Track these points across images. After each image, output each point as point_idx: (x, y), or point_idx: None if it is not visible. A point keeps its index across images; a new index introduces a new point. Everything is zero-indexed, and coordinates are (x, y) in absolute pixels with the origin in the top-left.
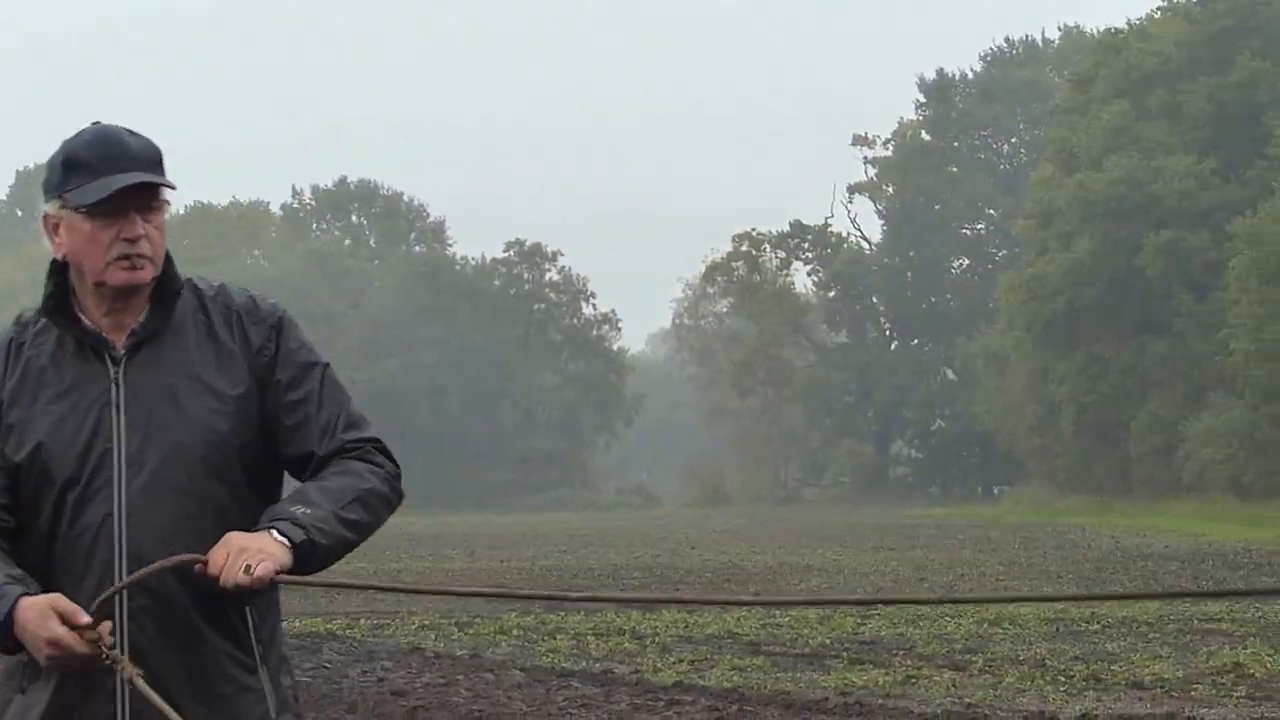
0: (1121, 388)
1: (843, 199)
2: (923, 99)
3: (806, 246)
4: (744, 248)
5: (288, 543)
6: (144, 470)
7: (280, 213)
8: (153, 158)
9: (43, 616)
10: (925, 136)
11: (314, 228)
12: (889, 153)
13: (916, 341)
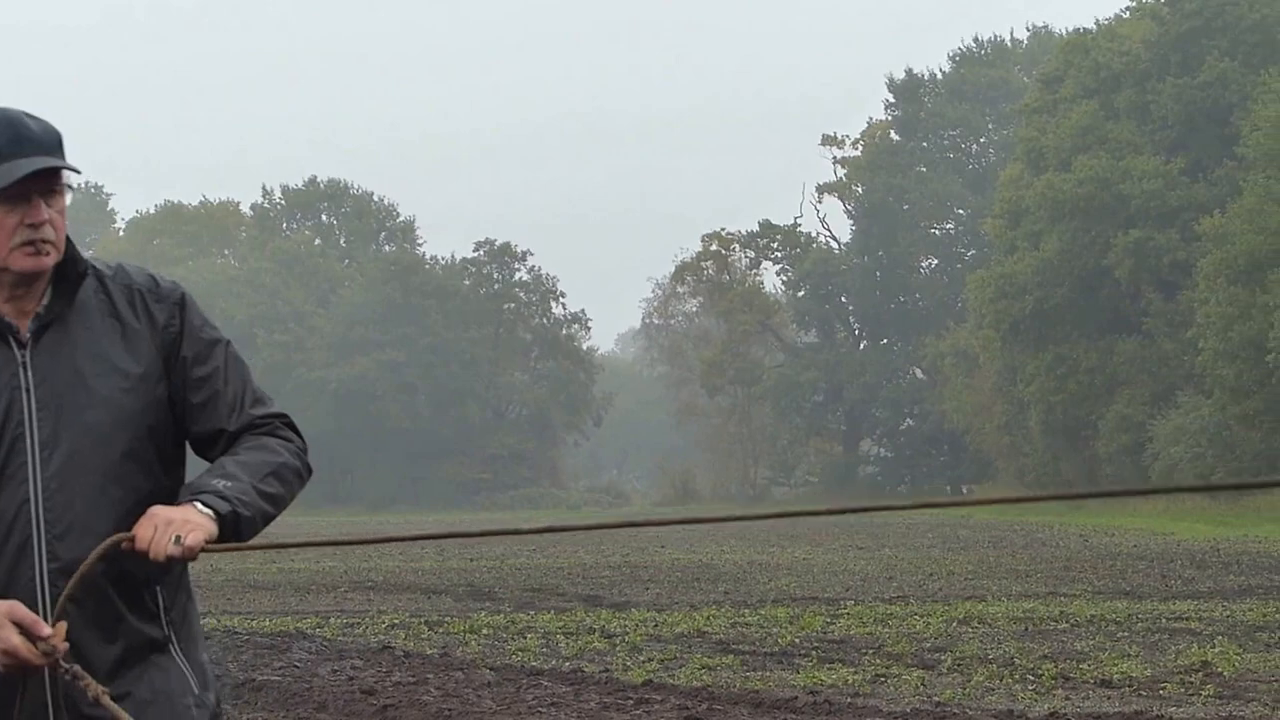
0: (1090, 387)
1: (812, 199)
2: (892, 99)
3: (776, 246)
4: (713, 247)
5: (213, 514)
6: (58, 453)
7: (250, 212)
8: (54, 140)
9: None
10: (894, 136)
11: (284, 227)
12: (858, 153)
13: (885, 341)
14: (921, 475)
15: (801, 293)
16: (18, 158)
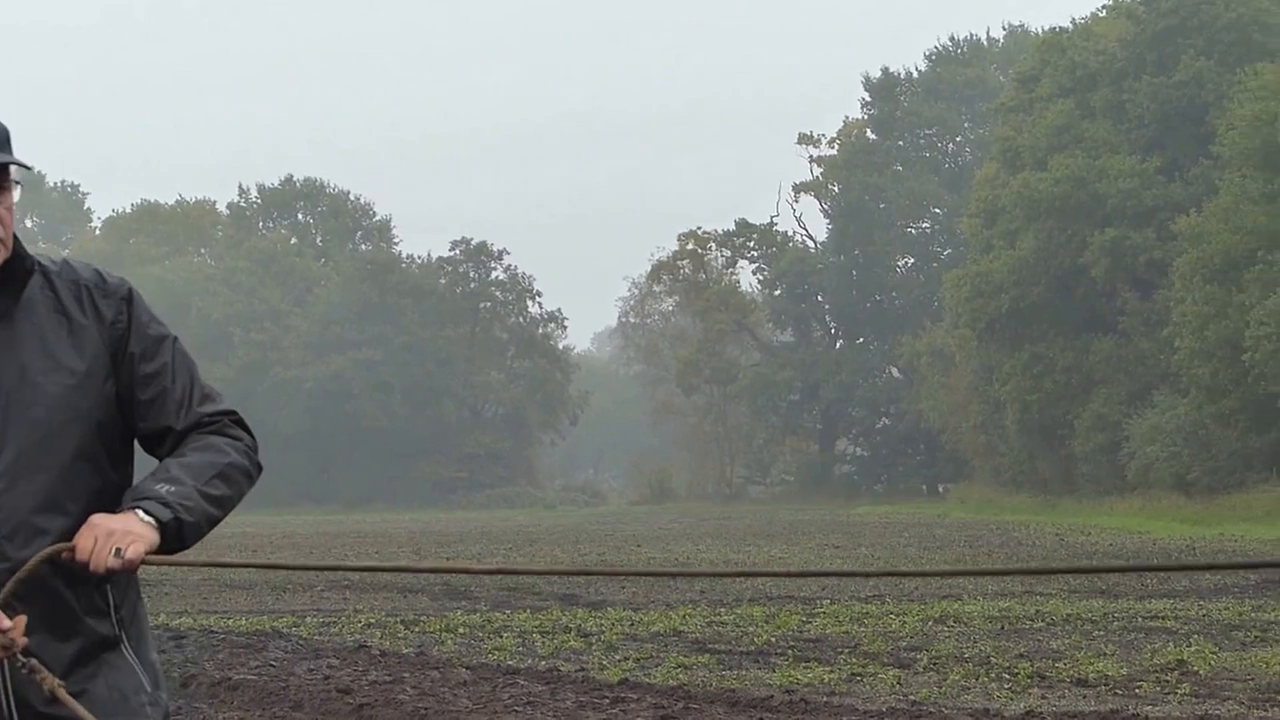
0: (1066, 385)
1: (788, 198)
2: (868, 97)
3: (752, 245)
4: (690, 246)
5: (154, 522)
6: (6, 452)
7: (227, 211)
8: (2, 136)
9: None
10: (870, 135)
11: (260, 226)
12: (834, 151)
13: (861, 340)
14: (898, 474)
15: (778, 291)
16: None
